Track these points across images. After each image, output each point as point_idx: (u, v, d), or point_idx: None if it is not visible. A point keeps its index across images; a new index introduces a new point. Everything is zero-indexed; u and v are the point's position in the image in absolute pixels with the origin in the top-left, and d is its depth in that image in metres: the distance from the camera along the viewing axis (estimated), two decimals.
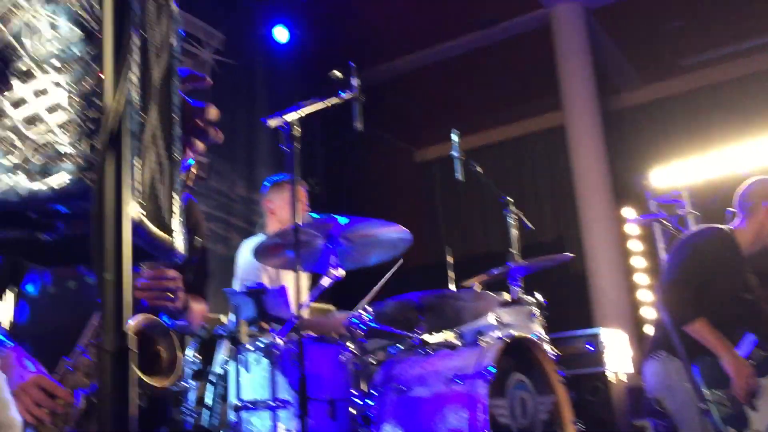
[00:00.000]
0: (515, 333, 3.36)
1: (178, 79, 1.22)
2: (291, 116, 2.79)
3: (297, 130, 2.81)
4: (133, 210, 0.90)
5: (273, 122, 2.76)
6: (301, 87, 6.60)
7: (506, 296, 3.88)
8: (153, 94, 1.08)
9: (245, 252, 4.04)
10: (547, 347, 3.49)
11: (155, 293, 2.00)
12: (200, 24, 5.33)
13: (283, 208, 4.02)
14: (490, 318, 3.63)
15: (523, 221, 4.34)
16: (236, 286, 4.01)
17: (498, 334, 3.39)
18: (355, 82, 3.13)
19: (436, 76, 8.65)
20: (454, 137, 4.18)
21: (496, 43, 8.12)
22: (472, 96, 9.00)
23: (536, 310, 3.83)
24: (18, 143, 0.91)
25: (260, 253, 3.13)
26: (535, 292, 3.95)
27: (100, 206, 0.84)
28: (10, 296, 2.24)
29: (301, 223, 2.93)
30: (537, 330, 3.75)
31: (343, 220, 2.91)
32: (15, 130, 0.92)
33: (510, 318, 3.73)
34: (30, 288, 2.20)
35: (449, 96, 9.01)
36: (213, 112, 1.26)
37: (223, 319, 4.17)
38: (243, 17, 6.29)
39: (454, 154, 4.15)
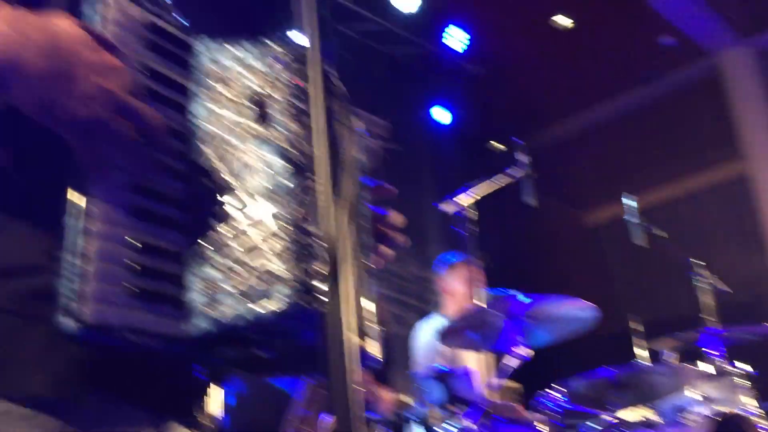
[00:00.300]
0: (722, 408, 3.11)
1: (365, 190, 1.29)
2: (463, 199, 2.83)
3: (470, 213, 2.84)
4: (350, 326, 0.95)
5: (446, 206, 2.82)
6: (466, 163, 6.70)
7: (705, 367, 3.61)
8: (346, 207, 1.15)
9: (423, 333, 4.08)
10: (762, 422, 3.19)
11: None
12: (365, 114, 5.58)
13: (459, 288, 4.03)
14: (690, 392, 3.38)
15: (716, 283, 4.07)
16: (416, 367, 4.04)
17: (702, 410, 3.15)
18: (523, 158, 3.14)
19: (600, 135, 8.46)
20: (628, 201, 4.04)
21: (662, 96, 7.84)
22: (640, 152, 8.68)
23: (741, 381, 3.52)
24: (242, 272, 1.00)
25: (443, 335, 3.15)
26: (736, 362, 3.64)
27: (326, 326, 0.89)
28: (215, 396, 2.39)
29: (480, 304, 2.92)
30: (745, 403, 3.44)
31: (523, 298, 2.88)
32: (238, 260, 1.00)
33: (712, 391, 3.45)
34: (229, 388, 2.35)
35: (616, 155, 8.74)
36: (398, 219, 1.31)
37: (406, 399, 4.19)
38: (405, 102, 6.54)
39: (630, 219, 4.00)
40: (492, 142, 8.05)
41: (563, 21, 6.72)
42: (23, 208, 0.92)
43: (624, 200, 4.09)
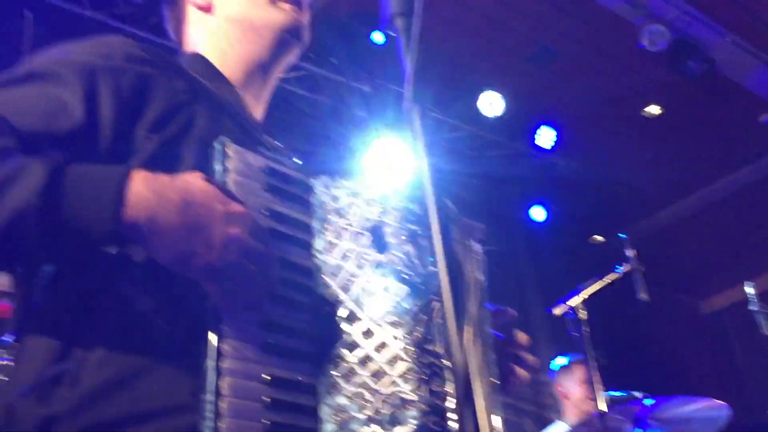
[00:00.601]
0: None
1: (487, 312, 1.29)
2: (574, 301, 2.77)
3: (582, 314, 2.78)
4: None
5: (558, 310, 2.77)
6: (568, 259, 6.59)
7: None
8: (470, 327, 1.15)
9: None
10: None
11: None
12: (464, 221, 5.62)
13: (576, 391, 3.89)
14: None
15: None
16: None
17: None
18: (629, 252, 3.07)
19: (709, 219, 8.16)
20: (749, 290, 3.84)
21: None
22: (755, 233, 8.29)
23: None
24: (368, 397, 1.02)
25: None
26: None
27: None
28: None
29: (601, 407, 2.80)
30: None
31: (647, 399, 2.74)
32: (365, 385, 1.02)
33: None
34: None
35: (727, 238, 8.39)
36: (524, 338, 1.31)
37: None
38: (501, 204, 6.56)
39: (754, 308, 3.79)
40: (595, 236, 7.91)
41: (652, 109, 6.68)
42: (167, 351, 0.97)
43: (746, 288, 3.90)
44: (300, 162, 1.14)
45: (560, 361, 4.16)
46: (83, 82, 1.05)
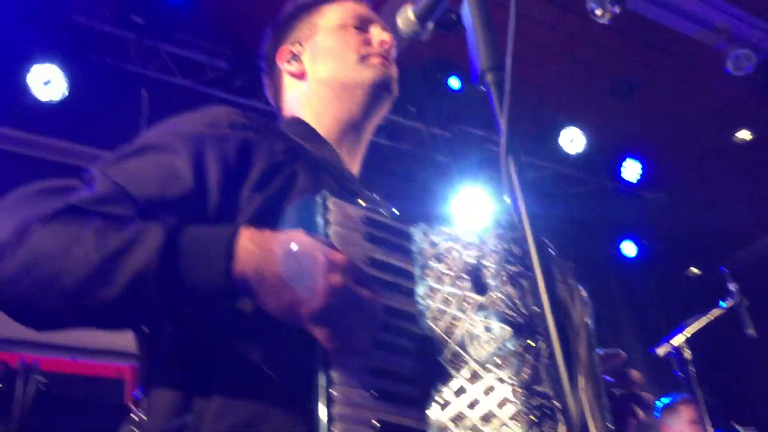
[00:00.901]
0: None
1: (598, 357, 1.26)
2: (677, 340, 2.68)
3: (687, 353, 2.68)
4: None
5: (661, 350, 2.68)
6: (664, 295, 6.37)
7: None
8: (582, 370, 1.13)
9: None
10: None
11: None
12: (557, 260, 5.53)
13: None
14: None
15: None
16: None
17: None
18: (732, 286, 2.96)
19: None
20: None
21: None
22: None
23: None
24: None
25: None
26: None
27: None
28: None
29: None
30: None
31: None
32: (474, 428, 1.02)
33: None
34: None
35: None
36: (638, 376, 1.28)
37: None
38: (589, 240, 6.41)
39: None
40: (691, 268, 7.61)
41: (743, 134, 6.46)
42: (279, 398, 1.01)
43: None
44: (398, 212, 1.17)
45: (663, 400, 4.00)
46: (192, 151, 1.14)
